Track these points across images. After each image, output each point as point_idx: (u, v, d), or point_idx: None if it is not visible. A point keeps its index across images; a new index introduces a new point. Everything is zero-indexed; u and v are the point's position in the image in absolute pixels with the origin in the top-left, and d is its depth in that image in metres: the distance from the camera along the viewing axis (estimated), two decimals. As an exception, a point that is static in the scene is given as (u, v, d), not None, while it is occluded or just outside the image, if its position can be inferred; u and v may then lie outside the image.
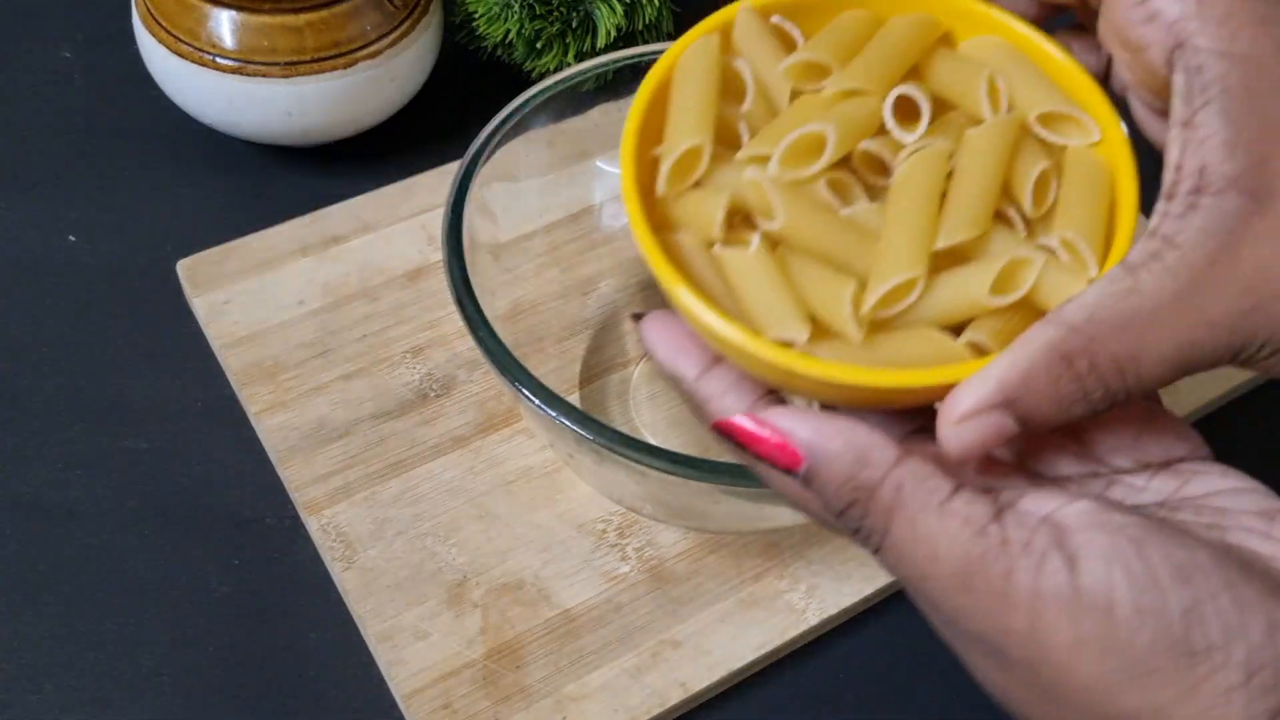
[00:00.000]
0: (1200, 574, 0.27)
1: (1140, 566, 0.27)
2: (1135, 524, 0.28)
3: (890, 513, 0.28)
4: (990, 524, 0.28)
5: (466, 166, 0.48)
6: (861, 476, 0.28)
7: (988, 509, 0.28)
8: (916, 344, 0.31)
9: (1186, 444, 0.32)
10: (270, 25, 0.55)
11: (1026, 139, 0.33)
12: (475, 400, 0.52)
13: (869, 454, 0.28)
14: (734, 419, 0.30)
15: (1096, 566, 0.27)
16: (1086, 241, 0.31)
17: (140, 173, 0.61)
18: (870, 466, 0.28)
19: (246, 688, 0.46)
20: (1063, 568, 0.27)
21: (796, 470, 0.29)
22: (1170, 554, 0.27)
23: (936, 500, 0.28)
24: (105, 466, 0.51)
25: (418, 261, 0.56)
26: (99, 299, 0.56)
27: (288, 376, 0.52)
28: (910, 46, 0.35)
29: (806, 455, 0.29)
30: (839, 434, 0.28)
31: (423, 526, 0.49)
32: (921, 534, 0.28)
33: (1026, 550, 0.27)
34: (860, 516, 0.29)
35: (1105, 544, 0.27)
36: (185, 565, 0.48)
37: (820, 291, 0.31)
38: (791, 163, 0.32)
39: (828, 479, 0.28)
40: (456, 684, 0.45)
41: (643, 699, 0.45)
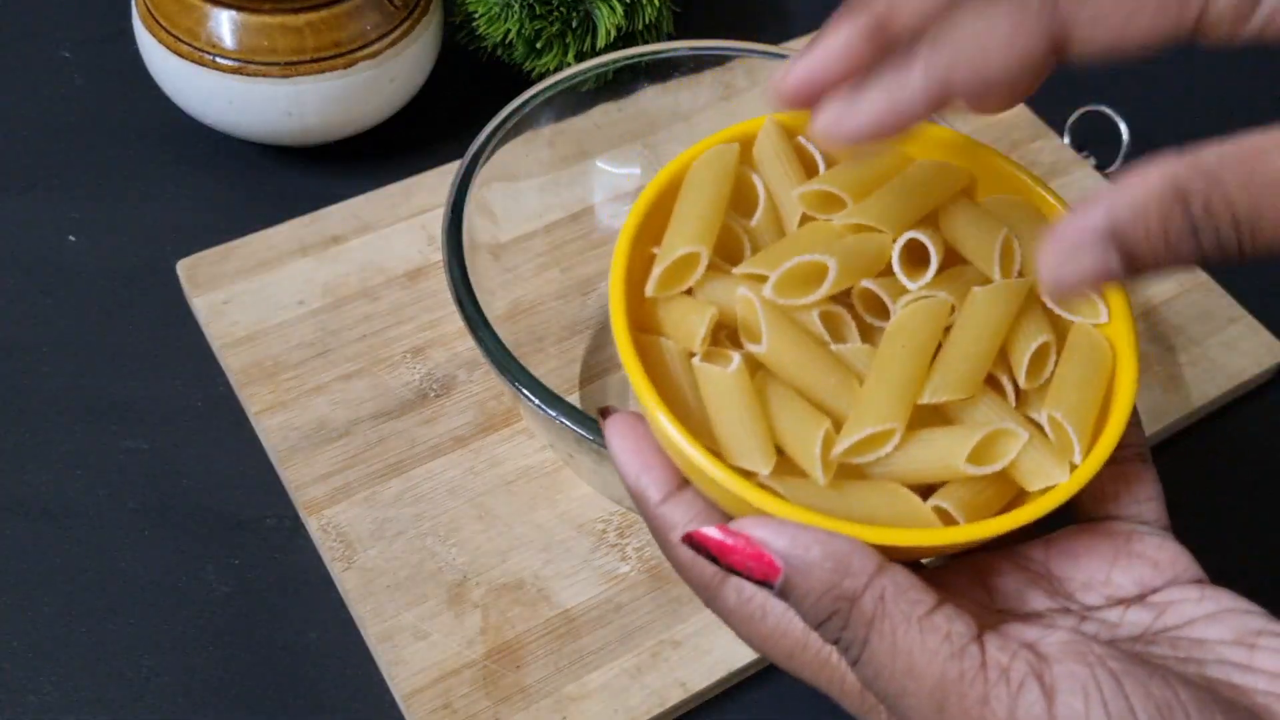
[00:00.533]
0: (1180, 713, 0.26)
1: (1119, 704, 0.26)
2: (1115, 658, 0.27)
3: (871, 623, 0.27)
4: (970, 644, 0.27)
5: (466, 166, 0.48)
6: (844, 585, 0.27)
7: (969, 628, 0.27)
8: (882, 498, 0.30)
9: (1161, 571, 0.31)
10: (270, 25, 0.55)
11: (1032, 307, 0.33)
12: (475, 400, 0.52)
13: (850, 562, 0.27)
14: (705, 530, 0.29)
15: (1074, 700, 0.26)
16: (1075, 426, 0.30)
17: (140, 173, 0.61)
18: (852, 576, 0.27)
19: (246, 688, 0.46)
20: (1040, 699, 0.26)
21: (773, 582, 0.28)
22: (1150, 692, 0.26)
23: (918, 613, 0.27)
24: (105, 466, 0.51)
25: (418, 261, 0.56)
26: (99, 299, 0.56)
27: (288, 376, 0.52)
28: (930, 191, 0.34)
29: (783, 565, 0.27)
30: (817, 542, 0.28)
31: (423, 526, 0.49)
32: (901, 647, 0.27)
33: (1004, 677, 0.26)
34: (840, 627, 0.28)
35: (1084, 677, 0.26)
36: (185, 565, 0.48)
37: (793, 426, 0.31)
38: (788, 289, 0.31)
39: (807, 589, 0.27)
40: (456, 684, 0.45)
41: (643, 699, 0.45)
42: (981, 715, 0.26)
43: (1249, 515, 0.54)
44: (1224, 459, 0.55)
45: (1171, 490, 0.55)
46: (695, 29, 0.68)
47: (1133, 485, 0.32)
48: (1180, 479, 0.54)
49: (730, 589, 0.30)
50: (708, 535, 0.29)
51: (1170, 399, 0.55)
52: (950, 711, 0.26)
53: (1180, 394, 0.55)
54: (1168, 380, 0.56)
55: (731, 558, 0.28)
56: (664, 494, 0.31)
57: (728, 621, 0.31)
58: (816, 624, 0.28)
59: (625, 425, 0.32)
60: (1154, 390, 0.55)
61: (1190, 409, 0.55)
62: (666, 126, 0.56)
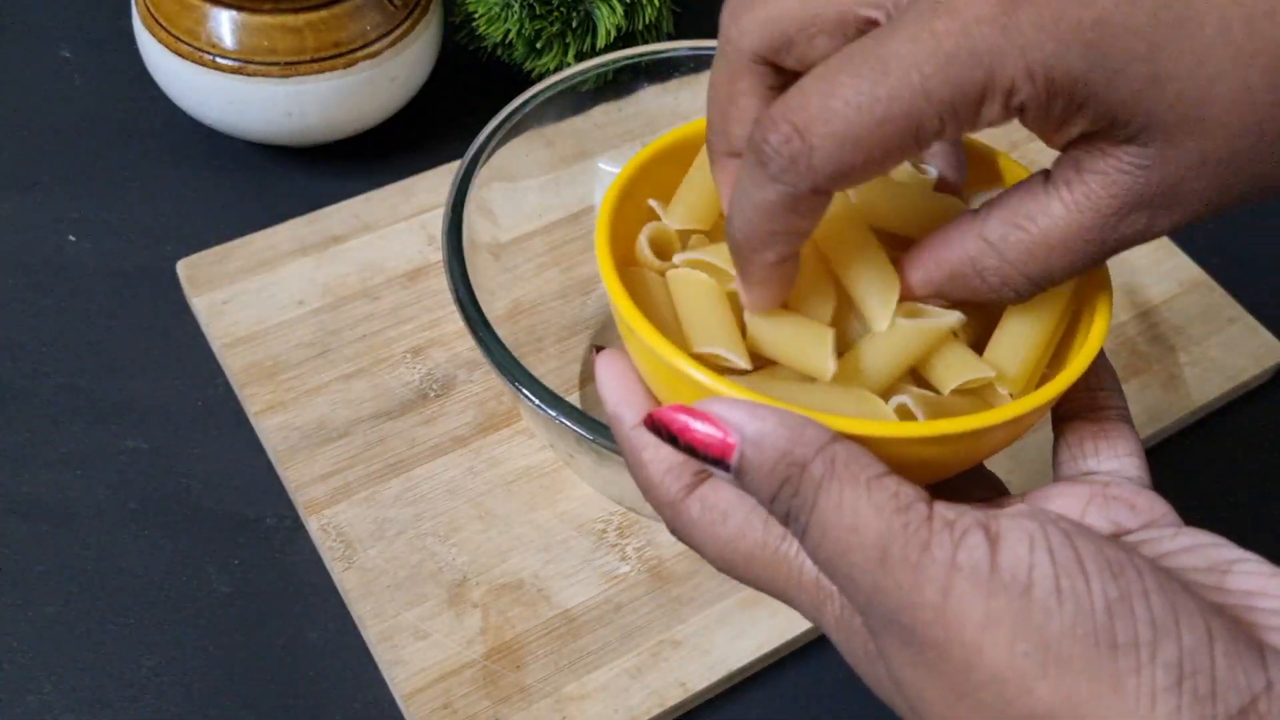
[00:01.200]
0: (1133, 571, 0.25)
1: (1066, 554, 0.25)
2: (1069, 521, 0.27)
3: (819, 485, 0.27)
4: (917, 501, 0.27)
5: (466, 166, 0.48)
6: (795, 453, 0.27)
7: (917, 491, 0.27)
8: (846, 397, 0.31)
9: (1138, 514, 0.30)
10: (270, 25, 0.55)
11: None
12: (475, 400, 0.52)
13: (802, 432, 0.27)
14: (665, 410, 0.29)
15: (1019, 546, 0.26)
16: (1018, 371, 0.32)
17: (140, 173, 0.61)
18: (803, 444, 0.27)
19: (246, 688, 0.46)
20: (983, 543, 0.26)
21: (729, 459, 0.28)
22: (1102, 550, 0.26)
23: (867, 475, 0.27)
24: (105, 466, 0.51)
25: (418, 261, 0.56)
26: (99, 299, 0.56)
27: (288, 376, 0.52)
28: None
29: (739, 438, 0.28)
30: (772, 414, 0.28)
31: (423, 526, 0.49)
32: (847, 504, 0.27)
33: (949, 526, 0.26)
34: (791, 495, 0.28)
35: (1033, 529, 0.26)
36: (185, 565, 0.48)
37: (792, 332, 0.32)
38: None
39: (760, 460, 0.28)
40: (456, 684, 0.45)
41: (643, 699, 0.45)
42: (920, 561, 0.26)
43: (1250, 515, 0.54)
44: (1224, 459, 0.55)
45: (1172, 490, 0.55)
46: (695, 29, 0.68)
47: (1113, 440, 0.32)
48: (1180, 479, 0.54)
49: (694, 500, 0.31)
50: (668, 414, 0.29)
51: (1170, 398, 0.55)
52: (891, 562, 0.26)
53: (1180, 394, 0.55)
54: (1168, 380, 0.56)
55: (691, 435, 0.28)
56: (639, 417, 0.32)
57: (691, 537, 0.31)
58: (769, 497, 0.28)
59: (613, 358, 0.33)
60: (1154, 390, 0.55)
61: (1190, 409, 0.55)
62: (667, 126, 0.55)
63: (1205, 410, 0.56)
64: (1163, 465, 0.55)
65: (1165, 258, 0.60)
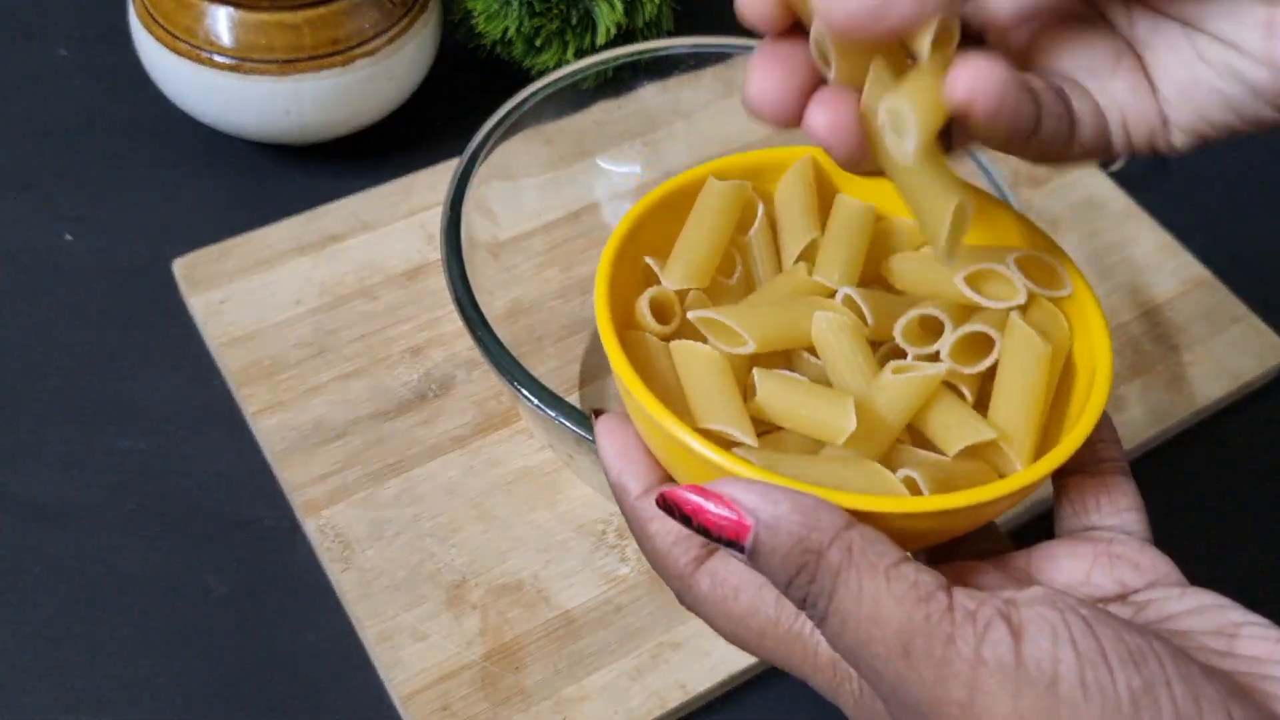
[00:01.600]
0: (1155, 660, 0.25)
1: (1090, 644, 0.25)
2: (1088, 607, 0.27)
3: (837, 574, 0.27)
4: (938, 590, 0.27)
5: (465, 165, 0.48)
6: (811, 539, 0.27)
7: (936, 579, 0.27)
8: (854, 470, 0.30)
9: (1142, 573, 0.31)
10: (268, 23, 0.55)
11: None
12: (474, 400, 0.52)
13: (817, 516, 0.27)
14: (677, 489, 0.29)
15: (1043, 639, 0.26)
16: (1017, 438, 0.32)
17: (137, 171, 0.60)
18: (819, 530, 0.27)
19: (244, 689, 0.46)
20: (1007, 637, 0.26)
21: (744, 541, 0.28)
22: (1123, 638, 0.26)
23: (885, 563, 0.27)
24: (101, 467, 0.50)
25: (416, 260, 0.56)
26: (95, 298, 0.55)
27: (285, 376, 0.52)
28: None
29: (753, 521, 0.27)
30: (786, 498, 0.28)
31: (421, 527, 0.48)
32: (867, 594, 0.27)
33: (971, 618, 0.26)
34: (807, 582, 0.27)
35: (1055, 619, 0.26)
36: (182, 566, 0.48)
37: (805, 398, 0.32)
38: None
39: (775, 545, 0.27)
40: (455, 686, 0.45)
41: (643, 700, 0.45)
42: (945, 655, 0.26)
43: (1252, 515, 0.54)
44: (1227, 459, 0.55)
45: (1174, 490, 0.55)
46: (695, 26, 0.67)
47: (1114, 495, 0.32)
48: (1183, 479, 0.54)
49: (704, 574, 0.31)
50: (681, 494, 0.29)
51: (1174, 398, 0.55)
52: (915, 654, 0.26)
53: (1184, 393, 0.55)
54: (1171, 380, 0.56)
55: (704, 516, 0.28)
56: (644, 488, 0.31)
57: (701, 611, 0.31)
58: (785, 583, 0.28)
59: (613, 423, 0.33)
60: (1157, 390, 0.55)
61: (1194, 409, 0.55)
62: (667, 124, 0.56)
63: (1209, 410, 0.56)
64: (1166, 466, 0.54)
65: (1170, 256, 0.60)
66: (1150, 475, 0.32)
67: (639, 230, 0.35)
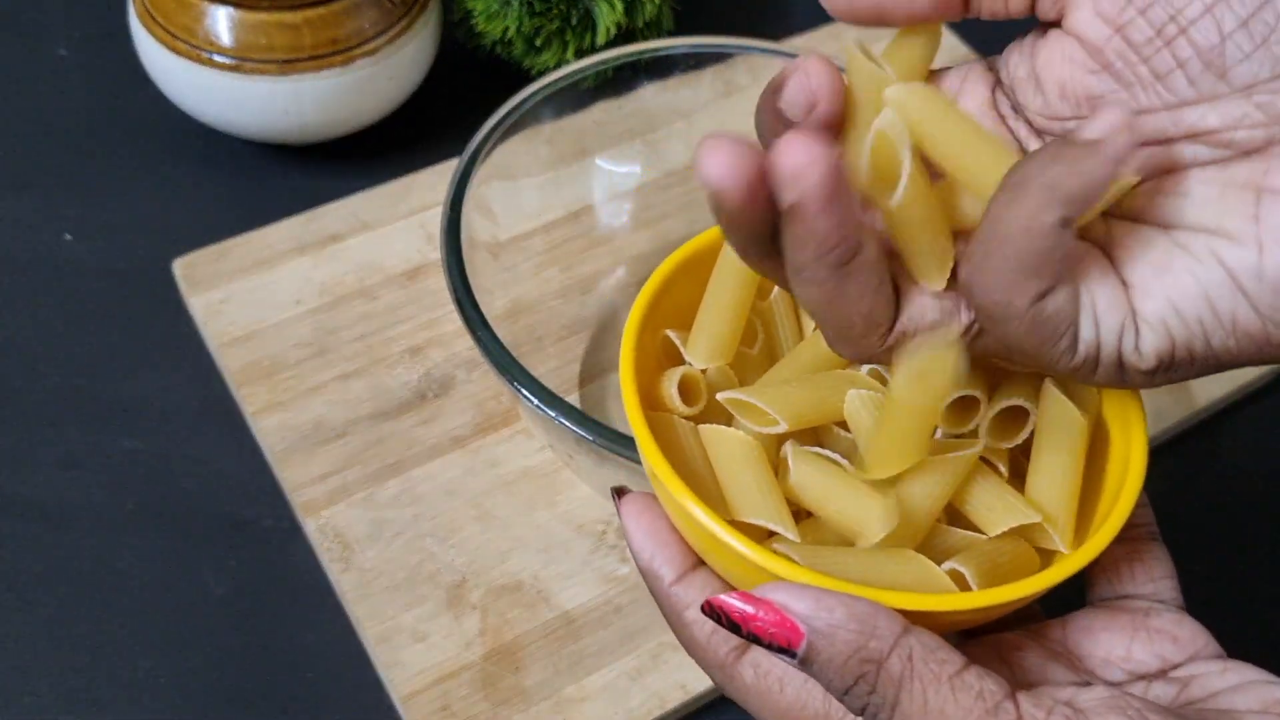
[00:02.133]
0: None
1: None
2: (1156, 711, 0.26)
3: (900, 684, 0.26)
4: (1005, 700, 0.26)
5: (465, 164, 0.48)
6: (870, 648, 0.26)
7: (1001, 686, 0.26)
8: (900, 565, 0.30)
9: (1181, 647, 0.31)
10: (267, 23, 0.54)
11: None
12: (474, 400, 0.52)
13: (874, 624, 0.27)
14: (725, 597, 0.28)
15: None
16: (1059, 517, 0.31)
17: (137, 171, 0.60)
18: (877, 638, 0.27)
19: (243, 690, 0.46)
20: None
21: (796, 648, 0.27)
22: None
23: (948, 672, 0.26)
24: (101, 467, 0.50)
25: (416, 260, 0.56)
26: (95, 298, 0.55)
27: (285, 376, 0.52)
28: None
29: (806, 630, 0.27)
30: (840, 605, 0.27)
31: (421, 527, 0.48)
32: (932, 706, 0.26)
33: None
34: (867, 691, 0.27)
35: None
36: (182, 566, 0.48)
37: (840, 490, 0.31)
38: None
39: (832, 654, 0.27)
40: (455, 686, 0.45)
41: (642, 701, 0.45)
42: None
43: (1252, 515, 0.53)
44: (1229, 459, 0.55)
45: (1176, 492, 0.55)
46: (695, 26, 0.67)
47: (1147, 563, 0.32)
48: (1185, 480, 0.54)
49: (746, 665, 0.30)
50: (728, 602, 0.28)
51: (1174, 399, 0.55)
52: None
53: (1184, 394, 0.55)
54: (1171, 380, 0.56)
55: (753, 624, 0.27)
56: (678, 573, 0.31)
57: (743, 699, 0.31)
58: (842, 690, 0.27)
59: (640, 506, 0.32)
60: (1158, 391, 0.55)
61: (1194, 409, 0.55)
62: (667, 124, 0.56)
63: (1209, 410, 0.55)
64: (1167, 466, 0.54)
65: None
66: (1150, 475, 0.32)
67: (659, 299, 0.34)
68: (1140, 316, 0.27)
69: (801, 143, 0.25)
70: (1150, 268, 0.28)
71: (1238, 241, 0.26)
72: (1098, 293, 0.28)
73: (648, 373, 0.34)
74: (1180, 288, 0.27)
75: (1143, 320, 0.27)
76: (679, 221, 0.56)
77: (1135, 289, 0.28)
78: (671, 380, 0.33)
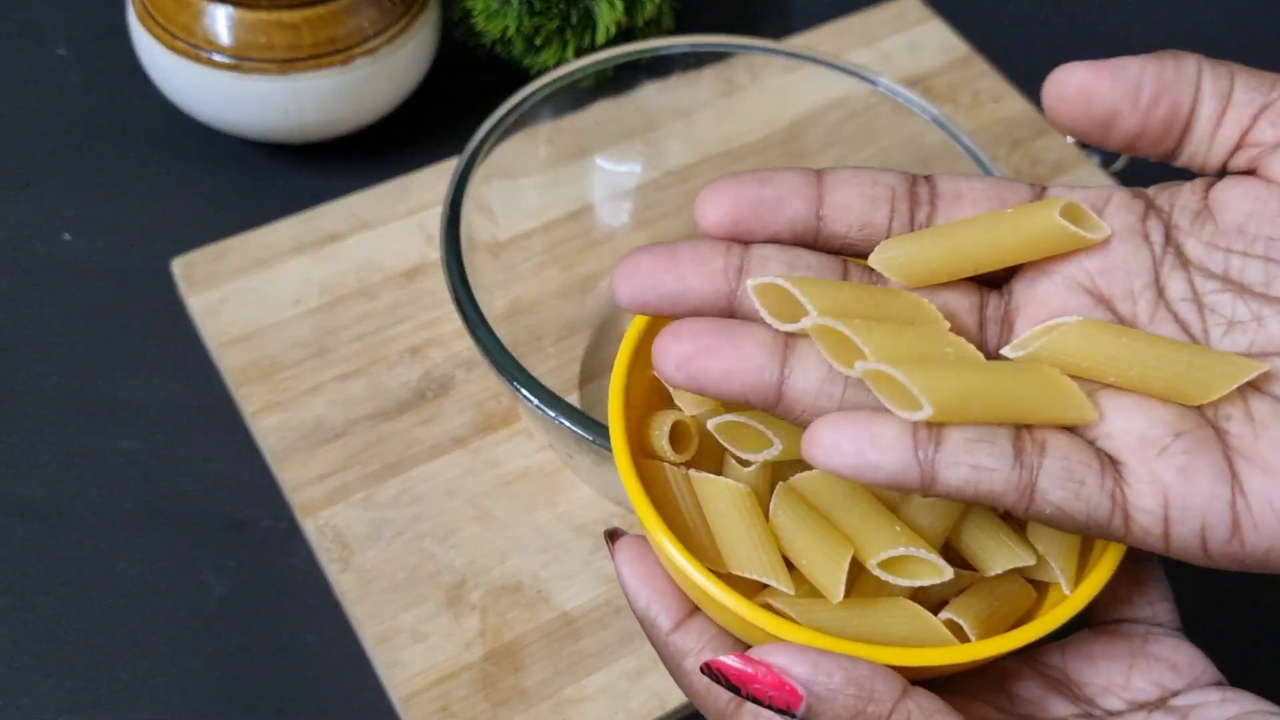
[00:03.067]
0: None
1: None
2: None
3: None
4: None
5: (465, 164, 0.48)
6: (869, 712, 0.27)
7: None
8: (895, 616, 0.30)
9: (1180, 674, 0.31)
10: (267, 22, 0.54)
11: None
12: (474, 400, 0.52)
13: (872, 687, 0.27)
14: (724, 659, 0.28)
15: None
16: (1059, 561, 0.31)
17: (136, 170, 0.60)
18: (876, 701, 0.27)
19: (242, 690, 0.45)
20: None
21: (795, 711, 0.27)
22: None
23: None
24: (100, 467, 0.50)
25: (416, 260, 0.56)
26: (94, 297, 0.55)
27: (284, 376, 0.52)
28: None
29: (805, 693, 0.27)
30: (839, 669, 0.27)
31: (421, 528, 0.48)
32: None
33: None
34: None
35: None
36: (181, 567, 0.48)
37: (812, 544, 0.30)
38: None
39: (831, 717, 0.27)
40: (455, 686, 0.45)
41: (643, 702, 0.45)
42: None
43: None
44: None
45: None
46: (696, 25, 0.67)
47: (1145, 587, 0.32)
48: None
49: (747, 714, 0.30)
50: (727, 664, 0.28)
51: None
52: None
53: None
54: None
55: (752, 686, 0.28)
56: (674, 622, 0.31)
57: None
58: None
59: (634, 552, 0.31)
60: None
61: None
62: (667, 123, 0.55)
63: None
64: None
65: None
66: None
67: (645, 343, 0.34)
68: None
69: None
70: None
71: None
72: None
73: (637, 410, 0.33)
74: None
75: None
76: (679, 221, 0.56)
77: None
78: (663, 429, 0.33)
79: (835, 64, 0.51)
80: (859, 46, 0.65)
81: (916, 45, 0.66)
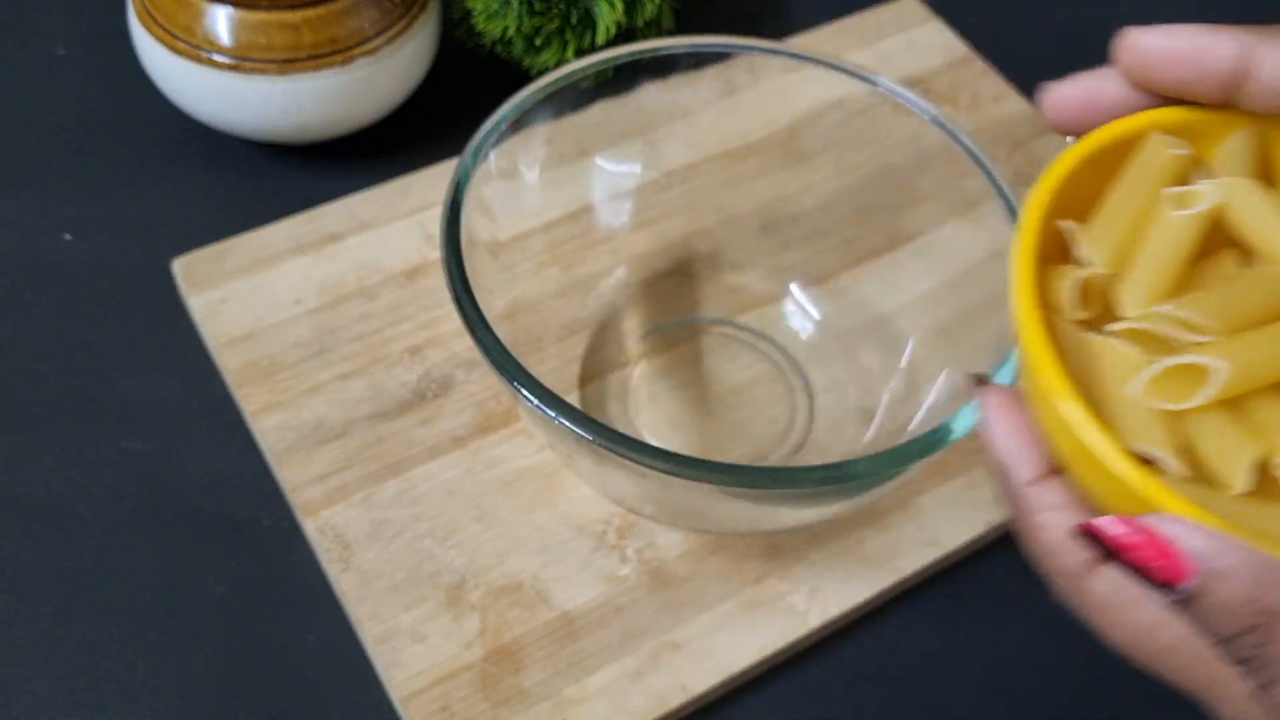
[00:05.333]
0: None
1: None
2: None
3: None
4: None
5: (465, 164, 0.48)
6: (1269, 599, 0.25)
7: None
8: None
9: None
10: (267, 22, 0.54)
11: None
12: (474, 400, 0.52)
13: (1276, 574, 0.25)
14: (1101, 522, 0.26)
15: None
16: None
17: (136, 170, 0.60)
18: (1276, 590, 0.25)
19: (243, 691, 0.45)
20: None
21: (1179, 584, 0.25)
22: None
23: None
24: (100, 467, 0.50)
25: (415, 260, 0.56)
26: (94, 297, 0.55)
27: (284, 376, 0.52)
28: None
29: (1200, 566, 0.25)
30: (1239, 548, 0.25)
31: (421, 528, 0.48)
32: None
33: None
34: (1256, 644, 0.25)
35: None
36: (181, 567, 0.48)
37: (1214, 431, 0.28)
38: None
39: (1224, 597, 0.25)
40: (455, 687, 0.45)
41: (643, 702, 0.45)
42: None
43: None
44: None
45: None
46: (696, 25, 0.67)
47: None
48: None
49: (1102, 577, 0.28)
50: (1104, 528, 0.26)
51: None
52: None
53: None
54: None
55: (1134, 554, 0.26)
56: (1035, 474, 0.29)
57: (1088, 613, 0.29)
58: (1225, 636, 0.26)
59: (1004, 399, 0.30)
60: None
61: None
62: (667, 124, 0.55)
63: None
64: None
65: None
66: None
67: (1065, 187, 0.31)
68: None
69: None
70: None
71: None
72: None
73: (1030, 262, 0.30)
74: None
75: None
76: (679, 221, 0.56)
77: None
78: (1072, 281, 0.30)
79: (835, 64, 0.51)
80: (858, 47, 0.66)
81: (916, 46, 0.66)
